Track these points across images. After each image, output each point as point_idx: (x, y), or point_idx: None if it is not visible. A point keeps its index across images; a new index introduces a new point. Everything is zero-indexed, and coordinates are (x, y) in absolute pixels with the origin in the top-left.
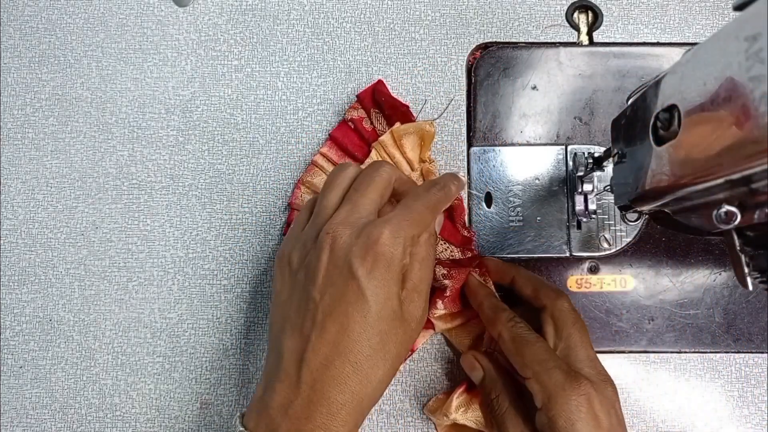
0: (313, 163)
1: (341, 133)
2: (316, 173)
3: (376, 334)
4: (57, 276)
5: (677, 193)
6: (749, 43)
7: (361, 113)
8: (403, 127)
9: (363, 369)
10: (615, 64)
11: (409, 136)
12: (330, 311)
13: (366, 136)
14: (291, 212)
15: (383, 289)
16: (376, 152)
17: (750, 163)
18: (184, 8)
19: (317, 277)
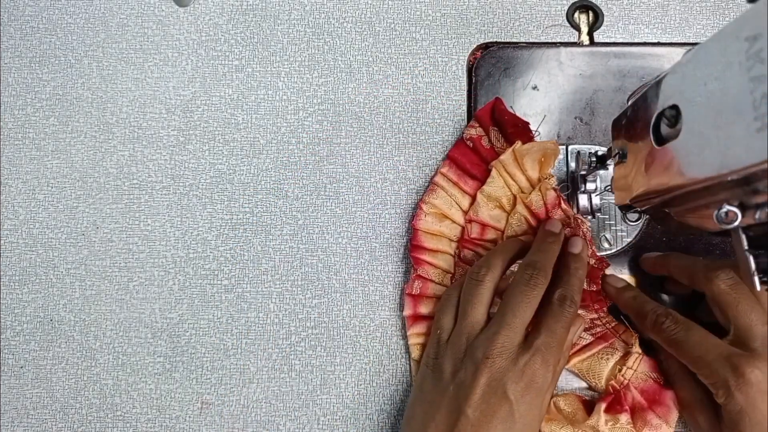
0: (433, 184)
1: (459, 152)
2: (438, 194)
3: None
4: (57, 276)
5: (677, 193)
6: (749, 43)
7: (480, 132)
8: (525, 147)
9: None
10: (615, 64)
11: (532, 155)
12: (480, 426)
13: (484, 154)
14: (415, 233)
15: (532, 412)
16: (496, 171)
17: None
18: (185, 8)
19: (472, 395)
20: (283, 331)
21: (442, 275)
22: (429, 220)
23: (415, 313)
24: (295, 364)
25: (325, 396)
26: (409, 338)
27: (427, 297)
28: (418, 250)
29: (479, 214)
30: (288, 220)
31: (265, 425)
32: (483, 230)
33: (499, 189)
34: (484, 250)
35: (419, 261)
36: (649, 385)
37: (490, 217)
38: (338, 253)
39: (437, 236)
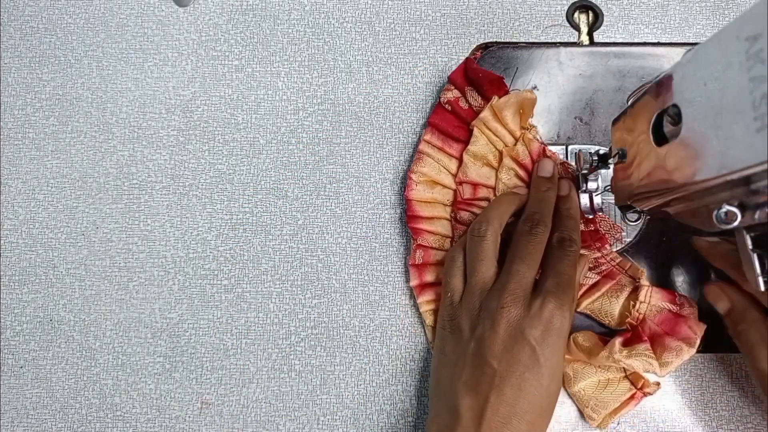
0: (418, 152)
1: (439, 117)
2: (425, 161)
3: (547, 395)
4: (57, 276)
5: (677, 193)
6: (749, 43)
7: (456, 93)
8: (502, 100)
9: (536, 426)
10: (615, 64)
11: (510, 107)
12: (507, 376)
13: (464, 116)
14: (409, 204)
15: (555, 355)
16: (478, 130)
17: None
18: (185, 8)
19: (493, 346)
20: (282, 331)
21: (442, 240)
22: (420, 189)
23: (422, 281)
24: (294, 364)
25: (325, 396)
26: (420, 306)
27: (431, 264)
28: (415, 220)
29: (468, 174)
30: (288, 220)
31: (265, 425)
32: (475, 190)
33: (484, 146)
34: (479, 209)
35: (417, 231)
36: (665, 315)
37: (479, 176)
38: (338, 253)
39: (431, 203)
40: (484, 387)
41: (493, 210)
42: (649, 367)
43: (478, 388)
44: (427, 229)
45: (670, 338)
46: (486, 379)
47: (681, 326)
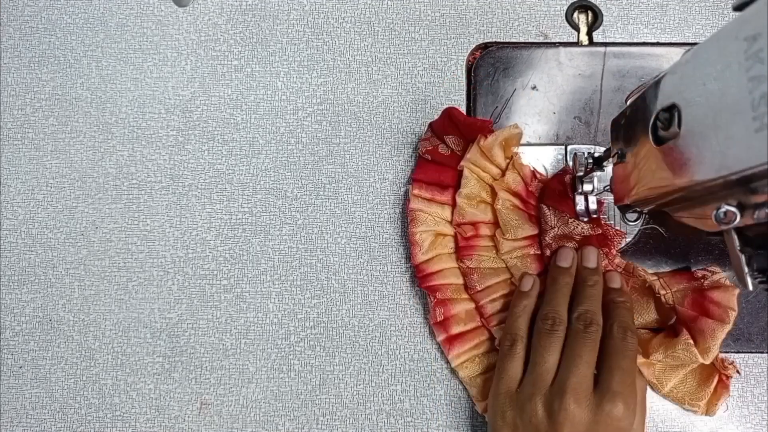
0: (410, 211)
1: (422, 170)
2: (420, 219)
3: None
4: (57, 276)
5: (677, 193)
6: (749, 43)
7: (434, 142)
8: (490, 140)
9: None
10: (615, 64)
11: (497, 145)
12: None
13: (446, 162)
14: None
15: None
16: (468, 170)
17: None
18: (184, 8)
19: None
20: (282, 331)
21: (458, 289)
22: (424, 247)
23: (449, 335)
24: (294, 364)
25: (324, 396)
26: (452, 361)
27: (453, 317)
28: (426, 279)
29: (466, 216)
30: (287, 220)
31: (264, 425)
32: (476, 228)
33: (476, 186)
34: (485, 250)
35: (431, 288)
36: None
37: (476, 215)
38: (337, 253)
39: (436, 258)
40: None
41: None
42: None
43: None
44: (440, 282)
45: (704, 320)
46: None
47: (709, 304)
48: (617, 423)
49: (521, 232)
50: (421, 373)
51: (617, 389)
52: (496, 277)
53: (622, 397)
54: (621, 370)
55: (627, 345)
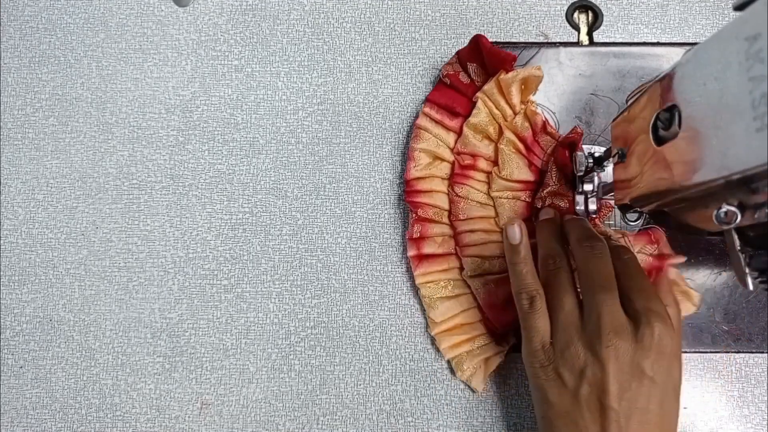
0: (416, 127)
1: (439, 92)
2: (423, 137)
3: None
4: (57, 276)
5: (677, 193)
6: (749, 43)
7: (457, 68)
8: (510, 75)
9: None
10: (615, 64)
11: (516, 83)
12: (631, 414)
13: (464, 90)
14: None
15: (673, 376)
16: (481, 102)
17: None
18: (184, 8)
19: (610, 387)
20: (282, 331)
21: (440, 213)
22: (420, 165)
23: (419, 253)
24: (294, 364)
25: (325, 396)
26: (416, 278)
27: (429, 237)
28: (413, 195)
29: (467, 146)
30: (287, 220)
31: (265, 425)
32: (475, 160)
33: (485, 119)
34: (478, 182)
35: (415, 204)
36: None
37: (478, 148)
38: (338, 253)
39: (429, 178)
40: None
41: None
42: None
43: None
44: (425, 202)
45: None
46: (610, 423)
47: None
48: (659, 342)
49: (517, 174)
50: (422, 373)
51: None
52: (482, 210)
53: (656, 316)
54: (640, 290)
55: (630, 263)
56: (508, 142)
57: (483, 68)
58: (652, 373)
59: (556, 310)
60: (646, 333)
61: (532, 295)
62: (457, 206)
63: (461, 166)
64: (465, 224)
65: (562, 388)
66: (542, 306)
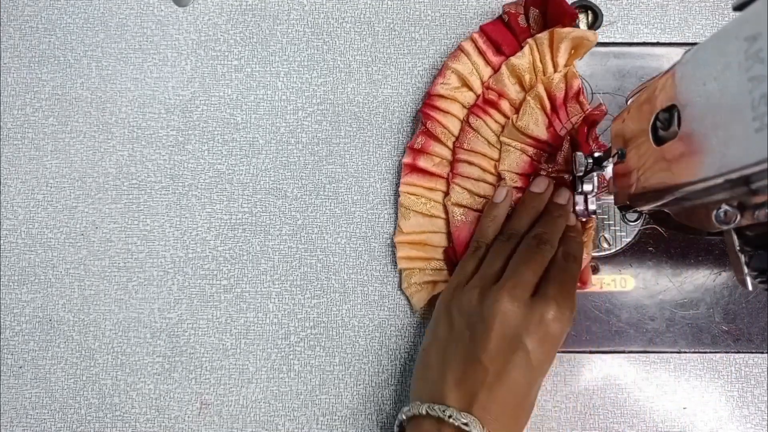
0: (459, 48)
1: (493, 25)
2: (461, 59)
3: (534, 391)
4: (57, 276)
5: (677, 193)
6: (749, 43)
7: (519, 9)
8: (565, 31)
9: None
10: (615, 64)
11: (568, 41)
12: (500, 377)
13: (518, 32)
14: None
15: (549, 356)
16: (529, 48)
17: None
18: (184, 8)
19: (487, 344)
20: (282, 331)
21: (447, 136)
22: (448, 84)
23: (413, 163)
24: (294, 364)
25: (324, 396)
26: (401, 185)
27: (428, 153)
28: (430, 108)
29: (498, 83)
30: (287, 220)
31: (264, 425)
32: (499, 99)
33: (525, 65)
34: (495, 123)
35: (428, 116)
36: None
37: (508, 90)
38: (337, 253)
39: (451, 100)
40: (475, 384)
41: (524, 216)
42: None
43: (467, 384)
44: (438, 119)
45: None
46: (477, 376)
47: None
48: (546, 325)
49: (533, 129)
50: None
51: (553, 295)
52: (487, 149)
53: (557, 303)
54: (560, 282)
55: (571, 267)
56: (537, 96)
57: (543, 18)
58: (530, 348)
59: (485, 265)
60: (543, 313)
61: (480, 245)
62: (465, 135)
63: (485, 99)
64: (466, 155)
65: (450, 326)
66: (480, 257)
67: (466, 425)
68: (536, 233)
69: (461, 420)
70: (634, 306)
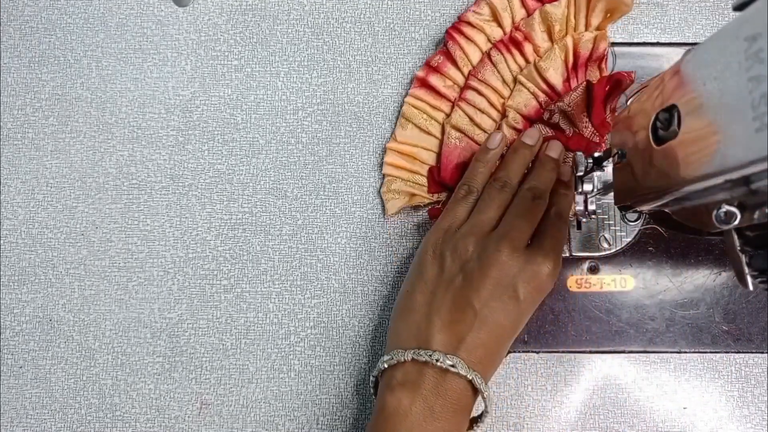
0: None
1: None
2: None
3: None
4: (57, 276)
5: (677, 193)
6: (749, 43)
7: None
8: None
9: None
10: (615, 64)
11: (604, 2)
12: (487, 322)
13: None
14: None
15: (534, 306)
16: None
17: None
18: (184, 8)
19: (480, 289)
20: (282, 331)
21: (465, 62)
22: (481, 15)
23: (425, 78)
24: (294, 364)
25: (325, 396)
26: (408, 98)
27: (442, 74)
28: (456, 31)
29: (527, 26)
30: (287, 220)
31: (265, 425)
32: (524, 41)
33: (558, 16)
34: (514, 62)
35: (452, 37)
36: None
37: (536, 34)
38: (337, 253)
39: (478, 29)
40: (463, 327)
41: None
42: None
43: (455, 327)
44: (461, 43)
45: None
46: (466, 319)
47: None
48: (539, 280)
49: (551, 75)
50: None
51: (549, 250)
52: (499, 84)
53: (552, 260)
54: (554, 238)
55: (560, 226)
56: (564, 46)
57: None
58: (522, 297)
59: (478, 211)
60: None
61: (471, 190)
62: (483, 66)
63: (510, 38)
64: (478, 84)
65: (440, 270)
66: (472, 202)
67: (453, 366)
68: (531, 186)
69: (447, 362)
70: (634, 306)
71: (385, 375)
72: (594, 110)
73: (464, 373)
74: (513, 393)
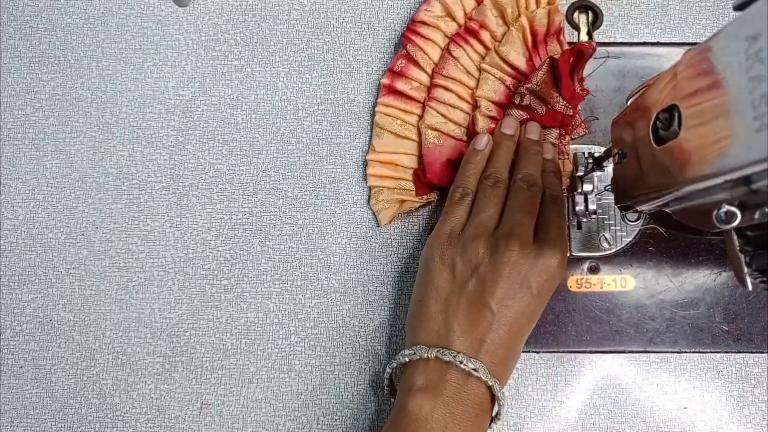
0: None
1: None
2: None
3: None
4: (57, 276)
5: (677, 193)
6: (749, 43)
7: None
8: None
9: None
10: (615, 64)
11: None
12: (505, 320)
13: None
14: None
15: (548, 297)
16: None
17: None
18: (184, 8)
19: (495, 289)
20: (282, 331)
21: (427, 62)
22: (431, 12)
23: (391, 84)
24: (294, 364)
25: (325, 396)
26: (378, 106)
27: (406, 77)
28: (412, 32)
29: (481, 15)
30: (287, 220)
31: (265, 425)
32: (480, 30)
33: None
34: (474, 53)
35: (410, 40)
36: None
37: (490, 21)
38: (337, 253)
39: (433, 28)
40: (482, 329)
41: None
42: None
43: (475, 330)
44: (419, 44)
45: None
46: (484, 320)
47: None
48: (551, 272)
49: (514, 58)
50: None
51: (556, 241)
52: (464, 77)
53: (560, 250)
54: (557, 225)
55: (558, 210)
56: (520, 27)
57: None
58: (537, 292)
59: (478, 211)
60: (550, 257)
61: (467, 192)
62: (445, 62)
63: (466, 28)
64: (444, 80)
65: (451, 275)
66: (469, 203)
67: (476, 371)
68: (523, 176)
69: (470, 365)
70: (635, 306)
71: (405, 374)
72: (562, 84)
73: (485, 379)
74: (513, 393)
